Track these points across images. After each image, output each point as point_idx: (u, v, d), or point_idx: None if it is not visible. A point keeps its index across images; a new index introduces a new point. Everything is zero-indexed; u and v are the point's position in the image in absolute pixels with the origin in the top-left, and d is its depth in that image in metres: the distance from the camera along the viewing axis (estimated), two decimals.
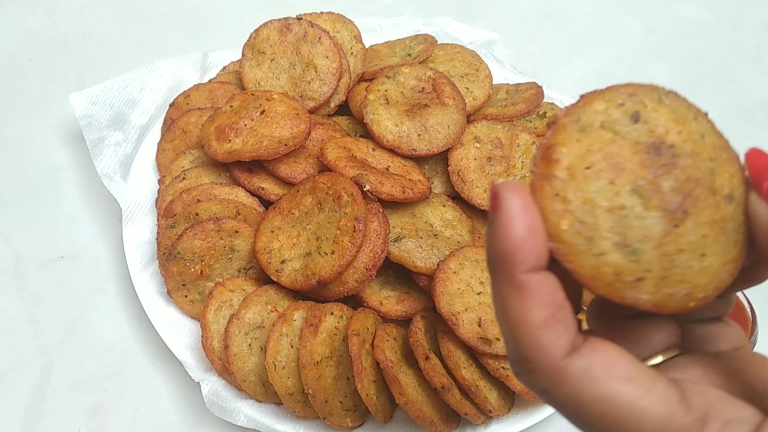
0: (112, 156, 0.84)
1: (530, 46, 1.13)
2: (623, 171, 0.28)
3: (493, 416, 0.65)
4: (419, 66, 0.85)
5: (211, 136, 0.78)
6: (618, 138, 0.29)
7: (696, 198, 0.28)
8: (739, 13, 1.21)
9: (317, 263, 0.68)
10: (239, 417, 0.66)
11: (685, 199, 0.28)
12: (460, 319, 0.65)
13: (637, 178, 0.28)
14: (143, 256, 0.76)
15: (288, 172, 0.76)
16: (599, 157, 0.28)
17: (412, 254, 0.70)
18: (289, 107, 0.78)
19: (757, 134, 1.02)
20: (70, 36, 1.08)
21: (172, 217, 0.75)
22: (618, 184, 0.28)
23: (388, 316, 0.70)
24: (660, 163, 0.28)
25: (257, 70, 0.86)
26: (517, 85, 0.93)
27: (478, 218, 0.80)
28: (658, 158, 0.28)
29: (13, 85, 1.00)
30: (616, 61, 1.12)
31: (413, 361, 0.66)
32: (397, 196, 0.71)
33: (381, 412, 0.64)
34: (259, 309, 0.69)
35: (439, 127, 0.78)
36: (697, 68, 1.11)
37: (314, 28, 0.85)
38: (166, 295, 0.73)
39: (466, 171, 0.78)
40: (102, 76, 0.90)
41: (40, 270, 0.81)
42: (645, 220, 0.27)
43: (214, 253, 0.73)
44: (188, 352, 0.71)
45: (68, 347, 0.75)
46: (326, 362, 0.65)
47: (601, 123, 0.29)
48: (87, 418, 0.70)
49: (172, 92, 0.90)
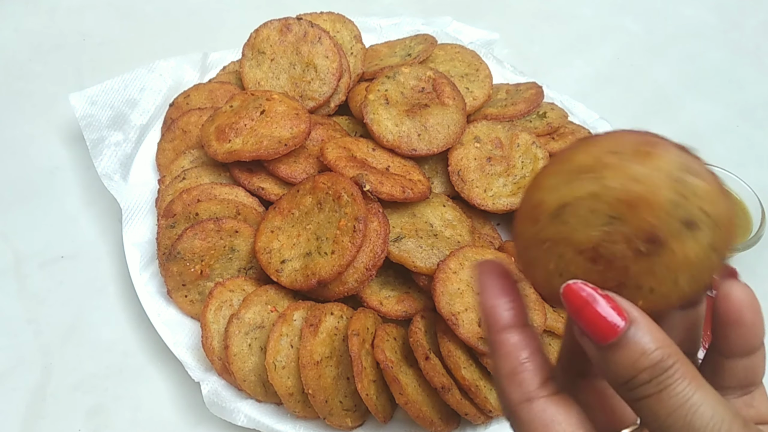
0: (112, 156, 0.84)
1: (530, 46, 1.13)
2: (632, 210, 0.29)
3: (493, 416, 0.65)
4: (419, 66, 0.85)
5: (211, 136, 0.78)
6: (668, 207, 0.29)
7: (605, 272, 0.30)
8: (739, 13, 1.21)
9: (317, 263, 0.68)
10: (239, 417, 0.66)
11: (605, 263, 0.30)
12: (460, 319, 0.65)
13: (626, 224, 0.29)
14: (143, 256, 0.76)
15: (288, 172, 0.76)
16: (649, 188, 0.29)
17: (412, 254, 0.70)
18: (289, 107, 0.78)
19: (757, 134, 1.02)
20: (70, 36, 1.08)
21: (172, 217, 0.75)
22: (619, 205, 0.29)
23: (388, 316, 0.70)
24: (640, 244, 0.29)
25: (257, 70, 0.86)
26: (517, 85, 0.93)
27: (478, 218, 0.80)
28: (646, 244, 0.29)
29: (13, 85, 1.00)
30: (616, 61, 1.12)
31: (413, 361, 0.66)
32: (397, 196, 0.71)
33: (381, 412, 0.64)
34: (259, 309, 0.69)
35: (439, 127, 0.78)
36: (697, 68, 1.11)
37: (314, 28, 0.85)
38: (166, 295, 0.73)
39: (466, 171, 0.78)
40: (102, 76, 0.90)
41: (40, 270, 0.81)
42: (586, 227, 0.30)
43: (214, 253, 0.73)
44: (188, 352, 0.71)
45: (68, 347, 0.75)
46: (326, 362, 0.65)
47: (680, 193, 0.29)
48: (87, 418, 0.70)
49: (172, 92, 0.90)
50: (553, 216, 0.30)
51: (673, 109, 1.05)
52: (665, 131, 0.34)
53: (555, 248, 0.31)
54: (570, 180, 0.30)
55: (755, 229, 0.81)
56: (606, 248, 0.30)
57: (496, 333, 0.32)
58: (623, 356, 0.28)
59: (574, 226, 0.30)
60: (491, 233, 0.81)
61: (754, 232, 0.81)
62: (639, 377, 0.28)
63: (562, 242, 0.31)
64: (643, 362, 0.28)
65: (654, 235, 0.29)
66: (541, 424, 0.30)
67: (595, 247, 0.30)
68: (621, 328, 0.28)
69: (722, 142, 1.01)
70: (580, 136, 0.86)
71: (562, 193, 0.30)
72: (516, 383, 0.31)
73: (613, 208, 0.29)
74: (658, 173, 0.29)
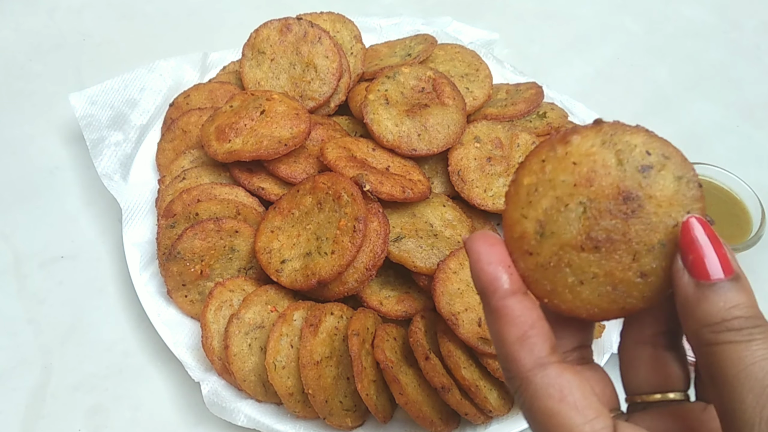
0: (112, 156, 0.84)
1: (530, 46, 1.13)
2: (590, 187, 0.32)
3: (493, 416, 0.65)
4: (419, 66, 0.85)
5: (211, 136, 0.78)
6: (615, 168, 0.32)
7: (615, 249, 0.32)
8: (739, 13, 1.21)
9: (317, 263, 0.68)
10: (239, 417, 0.66)
11: (607, 242, 0.32)
12: (460, 319, 0.65)
13: (595, 199, 0.32)
14: (143, 256, 0.76)
15: (288, 172, 0.76)
16: (589, 165, 0.32)
17: (412, 254, 0.70)
18: (289, 107, 0.78)
19: (757, 134, 1.02)
20: (70, 36, 1.08)
21: (172, 217, 0.75)
22: (577, 190, 0.32)
23: (388, 316, 0.70)
24: (619, 208, 0.32)
25: (257, 70, 0.86)
26: (517, 85, 0.93)
27: (478, 218, 0.80)
28: (623, 204, 0.32)
29: (13, 85, 1.00)
30: (616, 61, 1.12)
31: (413, 361, 0.66)
32: (397, 196, 0.71)
33: (381, 412, 0.64)
34: (259, 309, 0.69)
35: (439, 127, 0.78)
36: (697, 68, 1.11)
37: (314, 28, 0.85)
38: (166, 295, 0.73)
39: (466, 171, 0.78)
40: (102, 76, 0.90)
41: (40, 270, 0.81)
42: (569, 226, 0.32)
43: (214, 253, 0.73)
44: (188, 352, 0.71)
45: (68, 347, 0.75)
46: (326, 362, 0.65)
47: (618, 150, 0.32)
48: (87, 418, 0.70)
49: (172, 92, 0.90)
50: (539, 236, 0.33)
51: (673, 109, 1.05)
52: (665, 131, 0.34)
53: (560, 261, 0.32)
54: (529, 201, 0.33)
55: (755, 229, 0.81)
56: (597, 229, 0.32)
57: (500, 299, 0.31)
58: (724, 298, 0.29)
59: (559, 231, 0.32)
60: None
61: (754, 232, 0.81)
62: (731, 322, 0.28)
63: (560, 251, 0.32)
64: (740, 309, 0.29)
65: (625, 192, 0.32)
66: (557, 389, 0.30)
67: (588, 233, 0.32)
68: (733, 270, 0.29)
69: (722, 142, 1.01)
70: None
71: (531, 215, 0.33)
72: (527, 348, 0.31)
73: (577, 195, 0.32)
74: (588, 148, 0.32)
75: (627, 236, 0.32)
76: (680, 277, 0.30)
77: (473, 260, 0.32)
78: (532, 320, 0.31)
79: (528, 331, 0.31)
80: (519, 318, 0.31)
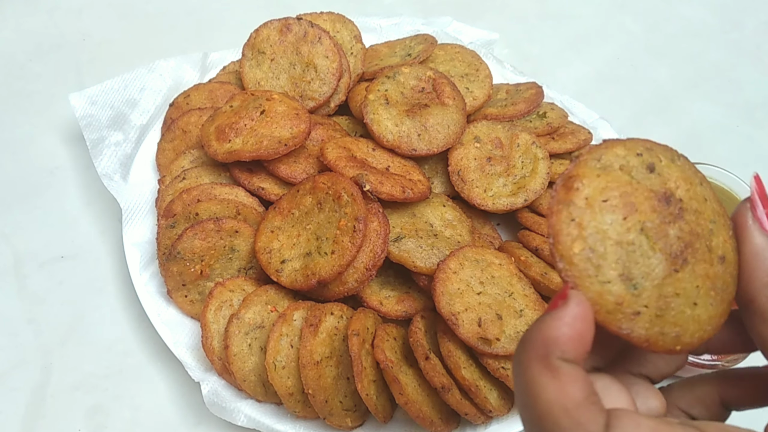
0: (112, 156, 0.84)
1: (530, 46, 1.13)
2: (636, 211, 0.30)
3: (493, 416, 0.65)
4: (419, 66, 0.85)
5: (211, 136, 0.78)
6: (634, 182, 0.31)
7: (696, 250, 0.31)
8: (739, 13, 1.20)
9: (317, 263, 0.68)
10: (239, 417, 0.66)
11: (687, 248, 0.31)
12: (460, 319, 0.65)
13: (647, 220, 0.31)
14: (143, 256, 0.76)
15: (288, 172, 0.76)
16: (616, 193, 0.31)
17: (412, 254, 0.70)
18: (289, 107, 0.78)
19: (757, 134, 1.02)
20: (70, 36, 1.08)
21: (172, 217, 0.75)
22: (630, 221, 0.30)
23: (388, 316, 0.70)
24: (668, 212, 0.31)
25: (257, 70, 0.86)
26: (517, 85, 0.93)
27: (477, 218, 0.80)
28: (667, 207, 0.31)
29: (13, 85, 1.00)
30: (616, 61, 1.12)
31: (413, 361, 0.66)
32: (397, 196, 0.71)
33: (381, 412, 0.64)
34: (259, 309, 0.69)
35: (439, 127, 0.78)
36: (697, 68, 1.11)
37: (314, 28, 0.85)
38: (166, 295, 0.73)
39: (466, 171, 0.78)
40: (102, 76, 0.90)
41: (40, 270, 0.81)
42: (650, 259, 0.30)
43: (214, 253, 0.73)
44: (188, 352, 0.71)
45: (68, 347, 0.75)
46: (326, 362, 0.65)
47: (620, 166, 0.32)
48: (87, 418, 0.70)
49: (172, 92, 0.90)
50: (633, 289, 0.30)
51: (673, 109, 1.05)
52: (665, 131, 0.35)
53: (668, 298, 0.30)
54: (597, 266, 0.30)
55: None
56: (671, 243, 0.31)
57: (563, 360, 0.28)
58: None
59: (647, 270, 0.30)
60: (491, 233, 0.81)
61: None
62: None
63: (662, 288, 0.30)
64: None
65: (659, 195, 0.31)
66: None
67: (669, 253, 0.31)
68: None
69: (722, 142, 1.01)
70: (580, 135, 0.85)
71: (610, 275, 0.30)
72: (594, 411, 0.28)
73: (631, 228, 0.30)
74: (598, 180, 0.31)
75: (693, 231, 0.31)
76: (750, 232, 0.31)
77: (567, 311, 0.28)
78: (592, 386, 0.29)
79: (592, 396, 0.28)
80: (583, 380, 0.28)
